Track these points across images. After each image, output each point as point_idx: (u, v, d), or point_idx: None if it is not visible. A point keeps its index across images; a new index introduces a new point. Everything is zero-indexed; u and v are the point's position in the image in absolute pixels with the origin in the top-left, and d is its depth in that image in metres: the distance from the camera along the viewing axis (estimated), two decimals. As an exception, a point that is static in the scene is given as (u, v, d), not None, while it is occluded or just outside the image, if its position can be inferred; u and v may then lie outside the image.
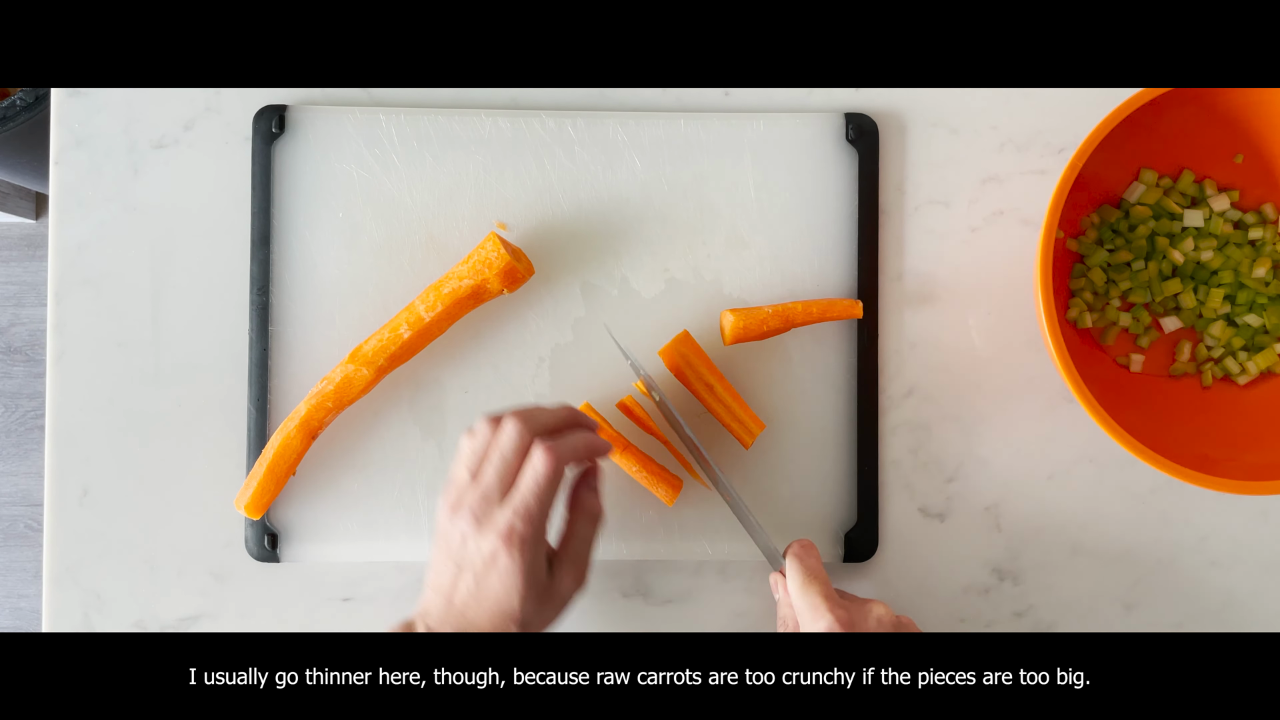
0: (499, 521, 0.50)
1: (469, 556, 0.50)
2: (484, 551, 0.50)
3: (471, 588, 0.50)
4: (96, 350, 0.63)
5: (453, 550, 0.51)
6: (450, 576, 0.51)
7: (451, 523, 0.51)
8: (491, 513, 0.51)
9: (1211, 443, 0.60)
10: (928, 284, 0.64)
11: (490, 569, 0.50)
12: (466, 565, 0.50)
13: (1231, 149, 0.64)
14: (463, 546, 0.51)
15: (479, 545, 0.50)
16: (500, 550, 0.49)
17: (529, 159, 0.62)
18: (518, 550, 0.50)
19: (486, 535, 0.50)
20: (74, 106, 0.63)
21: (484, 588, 0.50)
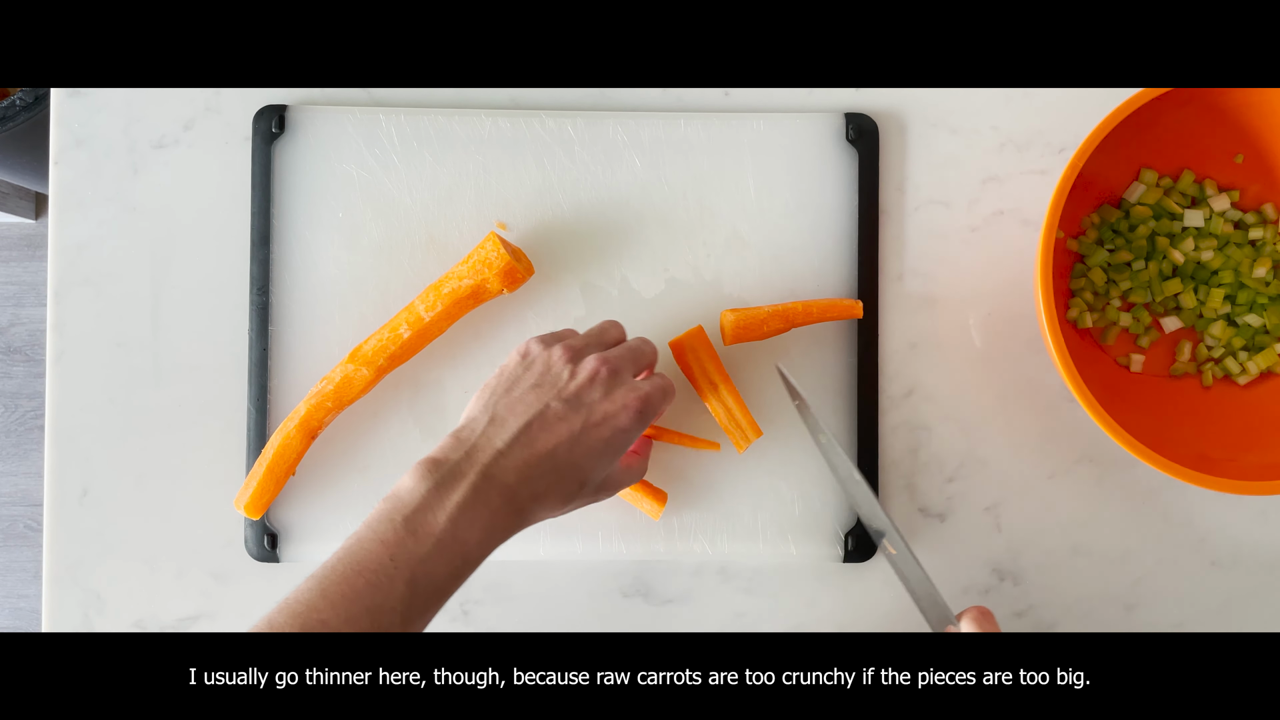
0: (640, 388, 0.49)
1: (589, 398, 0.48)
2: (614, 401, 0.48)
3: (576, 430, 0.48)
4: (96, 350, 0.63)
5: (558, 383, 0.49)
6: (540, 409, 0.48)
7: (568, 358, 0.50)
8: (625, 379, 0.50)
9: (1211, 443, 0.60)
10: (928, 284, 0.64)
11: (607, 421, 0.48)
12: (580, 406, 0.48)
13: (1231, 149, 0.64)
14: (586, 386, 0.49)
15: (609, 392, 0.49)
16: (632, 409, 0.48)
17: (529, 159, 0.62)
18: (643, 417, 0.49)
19: (623, 387, 0.49)
20: (74, 106, 0.63)
21: (589, 436, 0.48)
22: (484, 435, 0.48)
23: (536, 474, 0.47)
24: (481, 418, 0.49)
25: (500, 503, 0.46)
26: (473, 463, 0.46)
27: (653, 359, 0.54)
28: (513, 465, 0.47)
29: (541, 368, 0.50)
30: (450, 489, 0.46)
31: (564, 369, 0.50)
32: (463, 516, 0.45)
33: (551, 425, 0.48)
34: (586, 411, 0.48)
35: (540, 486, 0.47)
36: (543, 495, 0.47)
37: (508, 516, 0.46)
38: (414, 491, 0.46)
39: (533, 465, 0.47)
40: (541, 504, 0.48)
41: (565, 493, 0.48)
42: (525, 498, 0.47)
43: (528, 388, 0.49)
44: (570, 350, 0.51)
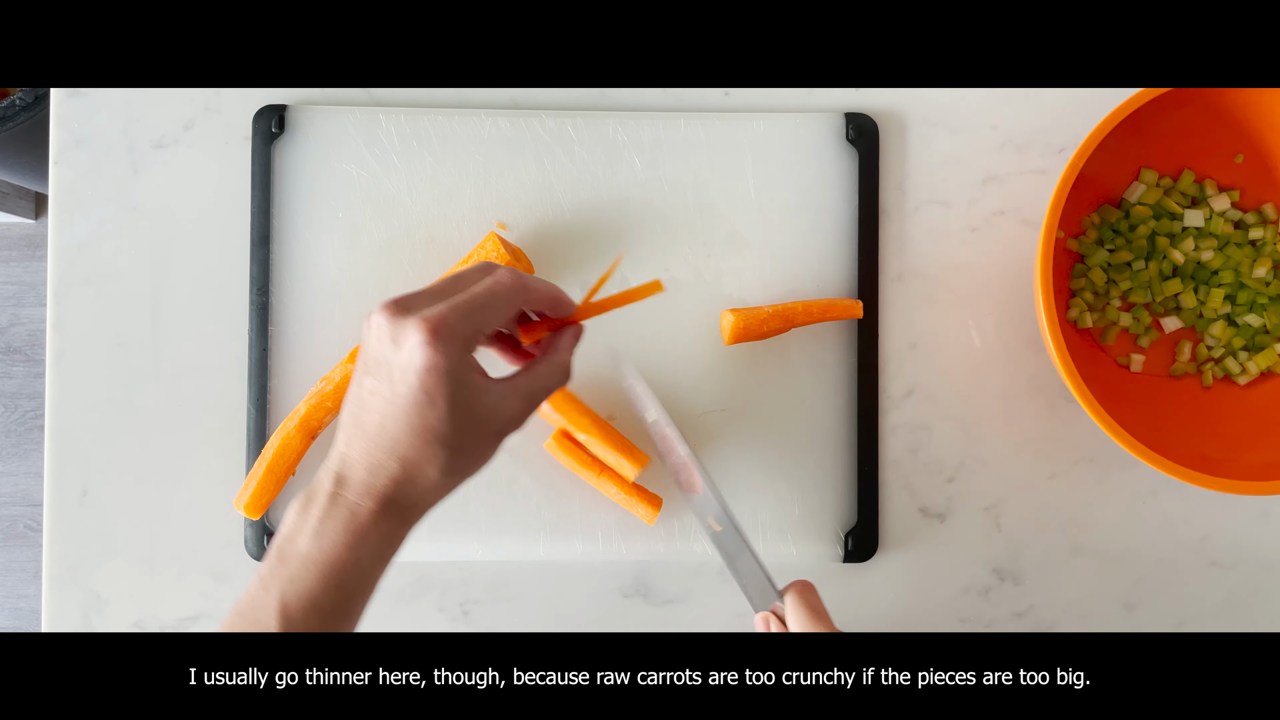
0: (426, 311, 0.42)
1: (383, 355, 0.42)
2: (405, 346, 0.41)
3: (386, 394, 0.42)
4: (96, 350, 0.63)
5: (365, 357, 0.43)
6: (358, 393, 0.43)
7: (366, 324, 0.43)
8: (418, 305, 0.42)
9: (1211, 443, 0.60)
10: (928, 284, 0.64)
11: (408, 368, 0.41)
12: (380, 366, 0.42)
13: (1231, 149, 0.64)
14: (378, 345, 0.42)
15: (398, 338, 0.41)
16: (424, 342, 0.41)
17: (529, 159, 0.62)
18: (444, 343, 0.41)
19: (407, 326, 0.41)
20: (74, 106, 0.63)
21: (398, 392, 0.41)
22: (334, 447, 0.44)
23: (380, 459, 0.42)
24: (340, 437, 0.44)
25: (358, 502, 0.42)
26: (328, 474, 0.43)
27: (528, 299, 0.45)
28: (356, 463, 0.43)
29: (362, 348, 0.44)
30: (310, 507, 0.43)
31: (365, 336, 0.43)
32: (324, 528, 0.42)
33: (368, 402, 0.42)
34: (386, 369, 0.42)
35: (392, 468, 0.42)
36: (401, 476, 0.42)
37: (375, 515, 0.43)
38: (285, 521, 0.44)
39: (372, 454, 0.42)
40: (410, 484, 0.43)
41: (424, 463, 0.42)
42: (383, 488, 0.42)
43: (355, 378, 0.44)
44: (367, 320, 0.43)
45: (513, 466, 0.62)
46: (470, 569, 0.63)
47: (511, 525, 0.62)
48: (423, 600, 0.63)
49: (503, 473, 0.62)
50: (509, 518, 0.62)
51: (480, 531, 0.62)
